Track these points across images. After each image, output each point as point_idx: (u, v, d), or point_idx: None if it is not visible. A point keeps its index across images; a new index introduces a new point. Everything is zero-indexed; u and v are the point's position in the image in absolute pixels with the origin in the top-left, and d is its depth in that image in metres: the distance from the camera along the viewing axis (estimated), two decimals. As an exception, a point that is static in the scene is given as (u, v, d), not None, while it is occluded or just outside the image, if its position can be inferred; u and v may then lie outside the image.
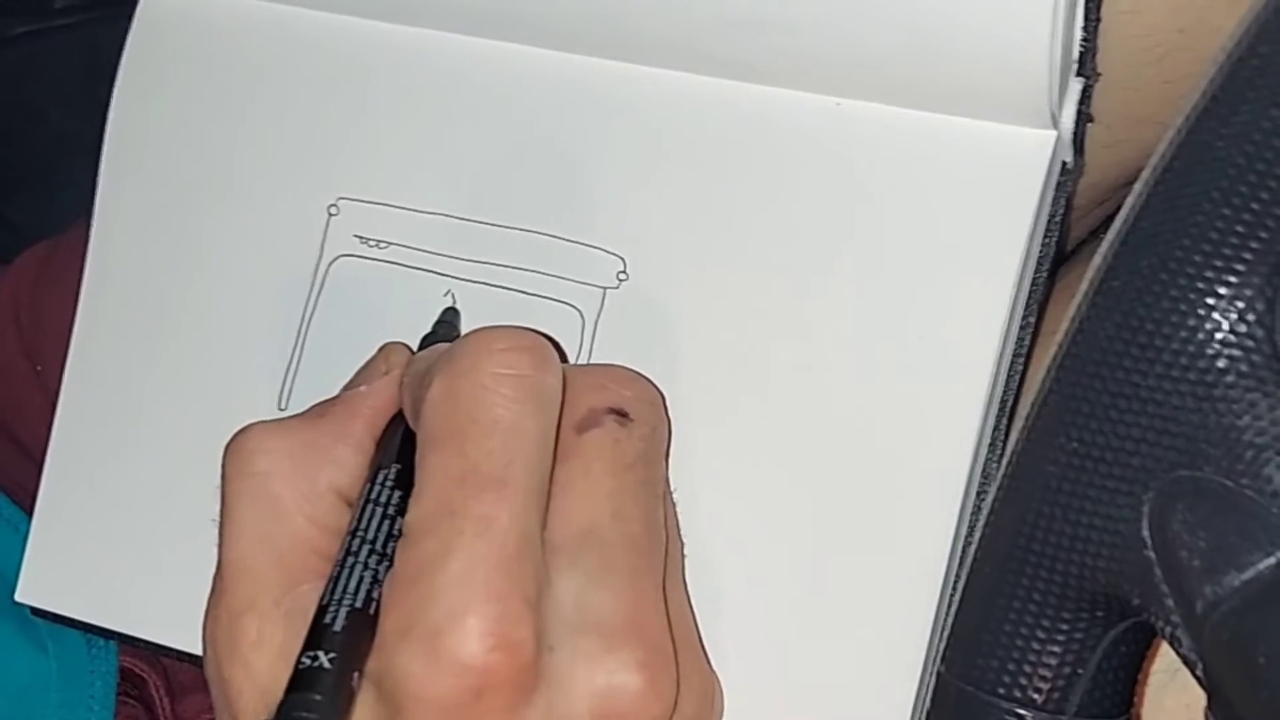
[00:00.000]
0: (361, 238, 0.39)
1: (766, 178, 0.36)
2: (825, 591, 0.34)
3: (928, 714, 0.32)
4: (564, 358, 0.35)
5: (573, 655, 0.30)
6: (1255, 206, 0.27)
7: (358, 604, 0.31)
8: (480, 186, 0.38)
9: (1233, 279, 0.27)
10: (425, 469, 0.31)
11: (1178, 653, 0.28)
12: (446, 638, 0.29)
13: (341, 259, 0.39)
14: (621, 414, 0.33)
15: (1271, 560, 0.26)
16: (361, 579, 0.31)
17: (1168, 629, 0.28)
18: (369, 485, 0.33)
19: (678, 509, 0.35)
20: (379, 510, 0.32)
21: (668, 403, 0.35)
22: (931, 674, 0.33)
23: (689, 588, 0.35)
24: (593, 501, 0.32)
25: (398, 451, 0.34)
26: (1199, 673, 0.27)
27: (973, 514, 0.34)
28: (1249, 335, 0.27)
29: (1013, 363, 0.34)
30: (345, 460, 0.34)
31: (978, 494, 0.34)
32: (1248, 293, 0.27)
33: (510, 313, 0.37)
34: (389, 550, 0.32)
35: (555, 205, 0.37)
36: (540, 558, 0.31)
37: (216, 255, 0.40)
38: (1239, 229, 0.27)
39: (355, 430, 0.34)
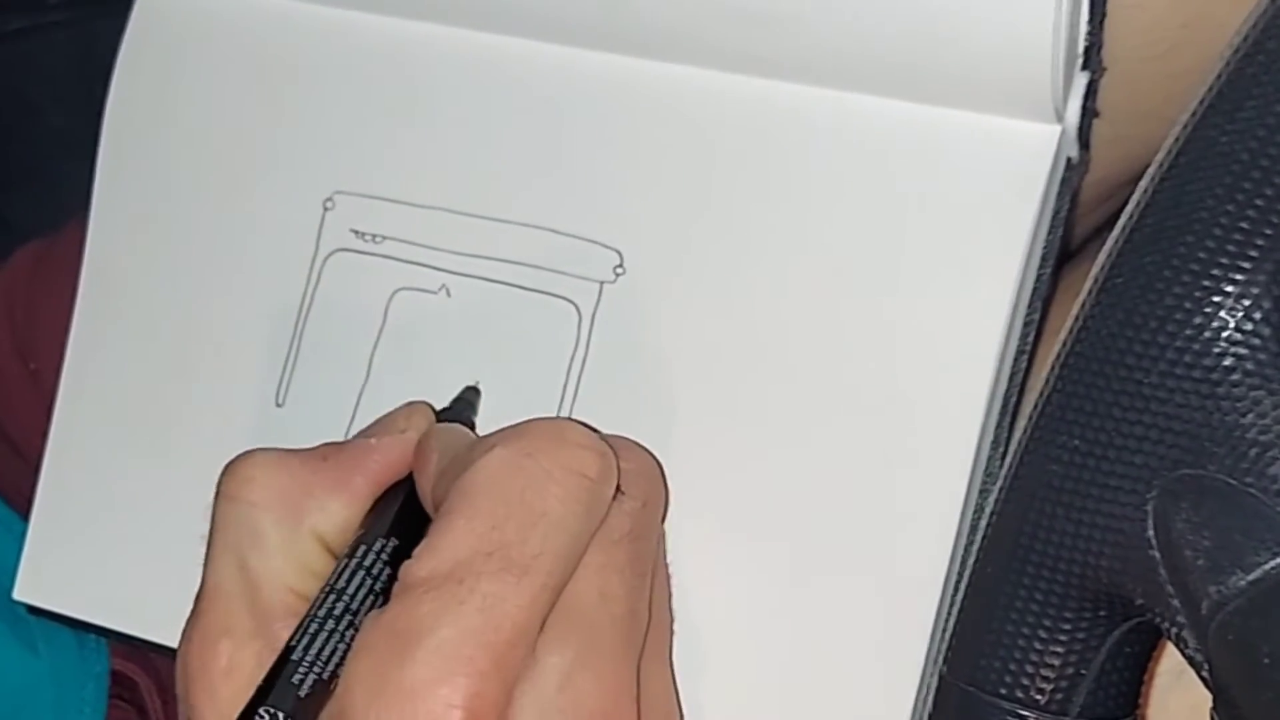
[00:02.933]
0: (357, 232, 0.39)
1: (766, 172, 0.35)
2: (825, 590, 0.34)
3: (930, 715, 0.32)
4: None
5: None
6: (1260, 203, 0.27)
7: (325, 675, 0.30)
8: (477, 180, 0.38)
9: (1238, 276, 0.27)
10: (450, 527, 0.30)
11: (1183, 653, 0.27)
12: (417, 702, 0.28)
13: (337, 253, 0.39)
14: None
15: (1277, 560, 0.26)
16: (336, 649, 0.31)
17: (1172, 629, 0.27)
18: (360, 548, 0.32)
19: (673, 508, 0.35)
20: (368, 581, 0.32)
21: (663, 398, 0.35)
22: (932, 674, 0.33)
23: (686, 586, 0.35)
24: (580, 579, 0.31)
25: (394, 523, 0.33)
26: (1204, 673, 0.27)
27: (975, 512, 0.34)
28: (1254, 333, 0.27)
29: (1016, 360, 0.34)
30: (335, 511, 0.33)
31: (980, 492, 0.34)
32: (1253, 290, 0.27)
33: (506, 307, 0.37)
34: None
35: (552, 199, 0.37)
36: (532, 649, 0.30)
37: (213, 250, 0.40)
38: (1244, 226, 0.27)
39: (354, 484, 0.34)
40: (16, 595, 0.41)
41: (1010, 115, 0.33)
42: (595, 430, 0.33)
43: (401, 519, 0.33)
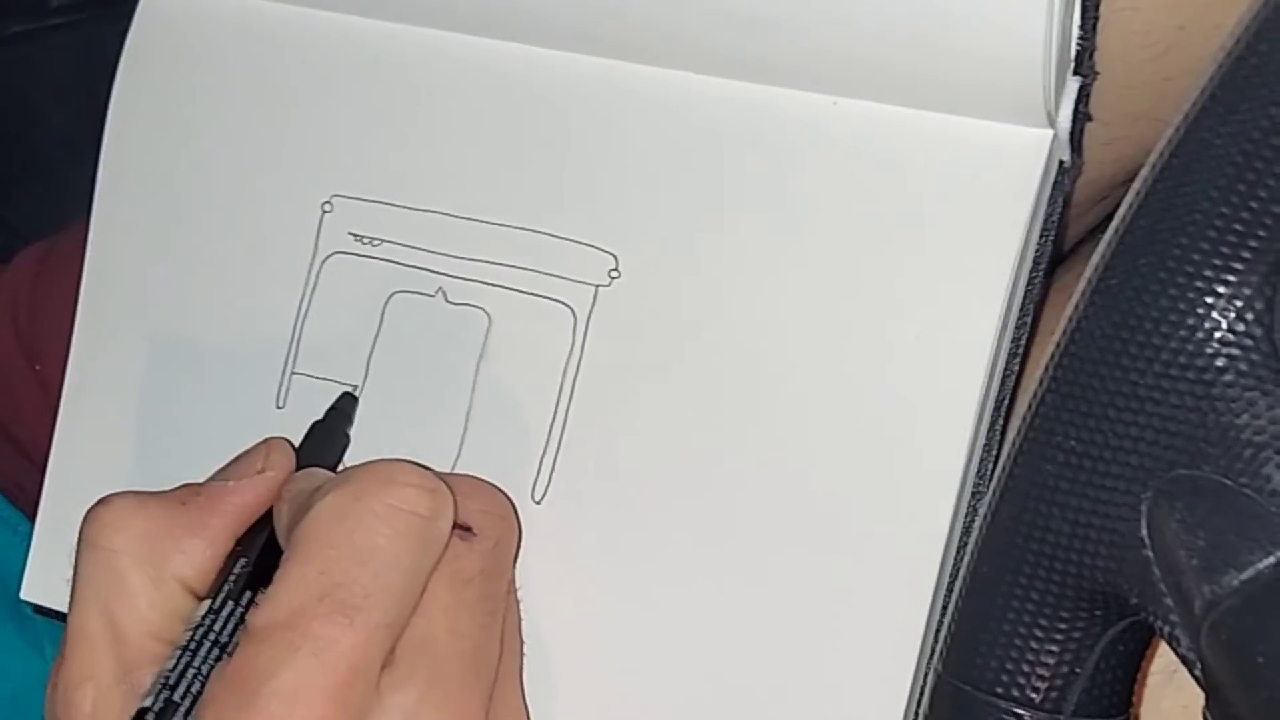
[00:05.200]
0: (355, 235, 0.39)
1: (761, 176, 0.36)
2: (818, 590, 0.34)
3: (925, 714, 0.32)
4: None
5: None
6: (1253, 205, 0.27)
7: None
8: (474, 184, 0.38)
9: (1231, 278, 0.27)
10: (286, 575, 0.31)
11: (1176, 652, 0.27)
12: None
13: (335, 256, 0.39)
14: (464, 528, 0.33)
15: (1270, 560, 0.26)
16: (191, 706, 0.31)
17: (1166, 628, 0.27)
18: (215, 601, 0.33)
19: (668, 510, 0.35)
20: (226, 634, 0.32)
21: (658, 401, 0.35)
22: (925, 673, 0.33)
23: (687, 580, 0.35)
24: (429, 617, 0.32)
25: (252, 574, 0.33)
26: (1197, 672, 0.27)
27: (968, 513, 0.34)
28: (1247, 334, 0.27)
29: (1008, 361, 0.34)
30: (195, 553, 0.34)
31: (973, 493, 0.34)
32: (1246, 291, 0.27)
33: (502, 310, 0.37)
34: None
35: (548, 203, 0.37)
36: (374, 687, 0.31)
37: (213, 253, 0.40)
38: (1237, 227, 0.27)
39: (212, 526, 0.34)
40: (23, 595, 0.41)
41: (1003, 120, 0.33)
42: (433, 470, 0.33)
43: (261, 566, 0.33)
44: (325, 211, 0.39)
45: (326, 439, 0.37)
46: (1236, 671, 0.26)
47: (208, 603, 0.33)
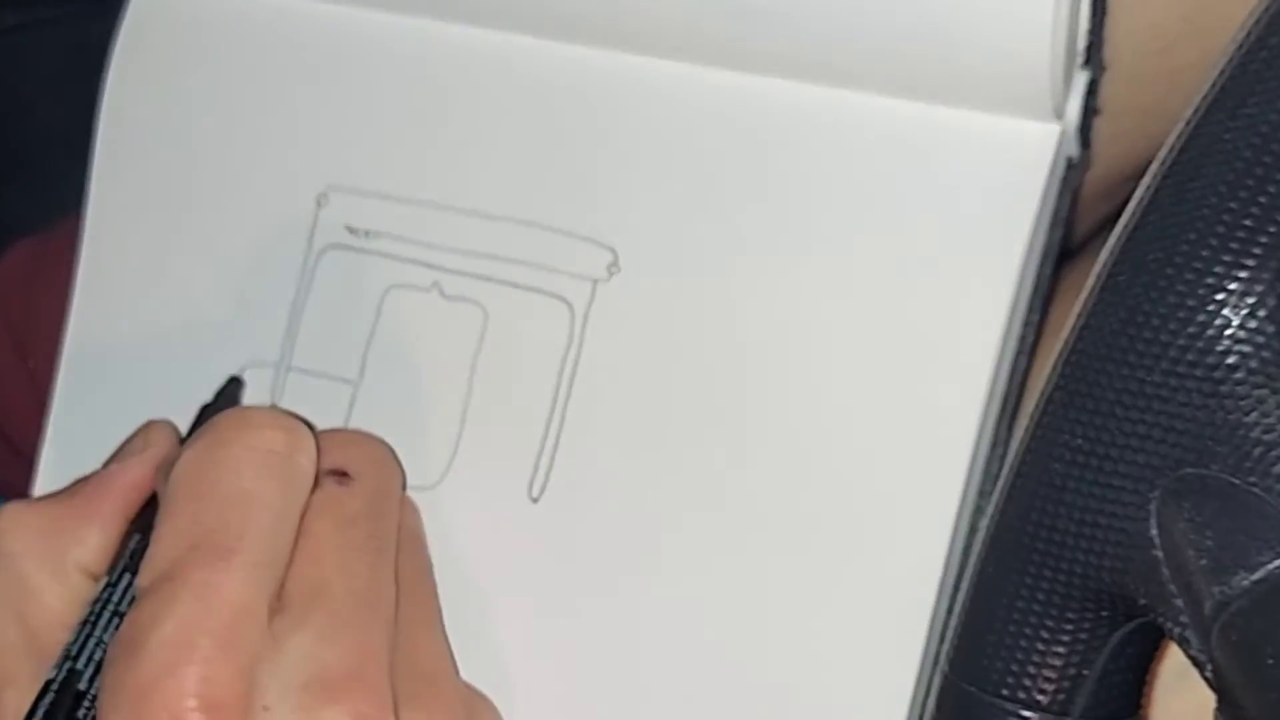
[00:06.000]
0: (351, 228, 0.39)
1: (762, 169, 0.35)
2: (820, 590, 0.34)
3: (932, 717, 0.31)
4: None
5: (292, 711, 0.31)
6: (1263, 200, 0.27)
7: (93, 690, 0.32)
8: (470, 177, 0.38)
9: (1241, 274, 0.27)
10: (160, 531, 0.32)
11: (1186, 653, 0.27)
12: (151, 697, 0.30)
13: (331, 250, 0.39)
14: (340, 474, 0.34)
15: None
16: (101, 659, 0.32)
17: (1176, 629, 0.27)
18: (110, 577, 0.33)
19: (667, 508, 0.35)
20: (123, 609, 0.33)
21: (657, 398, 0.35)
22: (929, 675, 0.33)
23: (687, 579, 0.35)
24: (318, 559, 0.33)
25: (139, 549, 0.34)
26: (1207, 674, 0.27)
27: (974, 512, 0.34)
28: (1258, 331, 0.27)
29: (1015, 360, 0.34)
30: (91, 540, 0.35)
31: (979, 493, 0.34)
32: (1257, 288, 0.27)
33: (499, 304, 0.37)
34: None
35: (546, 196, 0.37)
36: (263, 626, 0.31)
37: (206, 247, 0.40)
38: (1247, 223, 0.27)
39: (103, 510, 0.35)
40: (12, 594, 0.41)
41: (1009, 114, 0.33)
42: (298, 416, 0.34)
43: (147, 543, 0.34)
44: (321, 205, 0.39)
45: None
46: (1247, 673, 0.26)
47: (105, 578, 0.34)
